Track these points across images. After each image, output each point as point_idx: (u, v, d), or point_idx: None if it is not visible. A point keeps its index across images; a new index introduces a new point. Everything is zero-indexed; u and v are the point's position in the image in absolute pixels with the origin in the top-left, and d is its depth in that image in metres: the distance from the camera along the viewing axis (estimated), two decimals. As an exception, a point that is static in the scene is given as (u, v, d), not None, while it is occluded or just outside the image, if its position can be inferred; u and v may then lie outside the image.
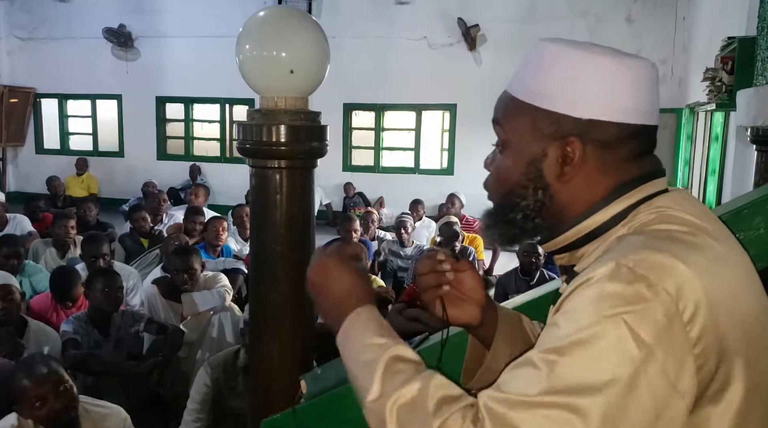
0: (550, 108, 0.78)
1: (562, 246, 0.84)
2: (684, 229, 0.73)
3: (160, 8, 9.82)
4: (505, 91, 0.86)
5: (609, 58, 0.78)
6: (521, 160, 0.81)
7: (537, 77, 0.80)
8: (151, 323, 3.26)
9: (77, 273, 3.59)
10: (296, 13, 1.69)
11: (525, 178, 0.81)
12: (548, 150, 0.79)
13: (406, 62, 8.97)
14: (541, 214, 0.82)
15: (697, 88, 5.50)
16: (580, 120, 0.77)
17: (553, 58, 0.80)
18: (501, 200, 0.85)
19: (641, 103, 0.79)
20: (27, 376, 2.09)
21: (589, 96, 0.77)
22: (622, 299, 0.65)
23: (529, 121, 0.80)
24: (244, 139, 1.61)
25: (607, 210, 0.79)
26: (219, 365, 2.75)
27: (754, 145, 2.41)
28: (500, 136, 0.85)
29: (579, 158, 0.78)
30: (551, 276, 4.03)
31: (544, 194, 0.81)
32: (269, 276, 1.65)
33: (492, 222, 0.87)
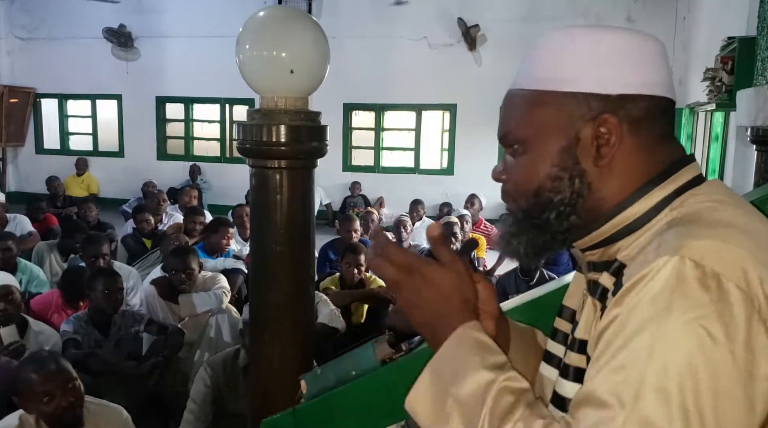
0: (575, 89, 0.73)
1: (597, 243, 0.77)
2: (739, 218, 0.69)
3: (160, 8, 9.82)
4: (509, 91, 0.81)
5: (623, 33, 0.75)
6: (550, 151, 0.75)
7: (553, 63, 0.75)
8: (151, 323, 3.26)
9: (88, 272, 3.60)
10: (296, 13, 1.69)
11: (558, 168, 0.75)
12: (581, 133, 0.74)
13: (406, 62, 8.98)
14: (576, 209, 0.75)
15: (697, 87, 5.50)
16: (611, 96, 0.73)
17: (565, 42, 0.76)
18: (530, 202, 0.78)
19: (663, 76, 0.76)
20: (36, 371, 2.10)
21: (615, 71, 0.73)
22: (696, 301, 0.60)
23: (552, 108, 0.75)
24: (244, 139, 1.61)
25: (648, 198, 0.73)
26: (218, 365, 2.75)
27: (754, 145, 2.42)
28: (517, 136, 0.78)
29: (617, 136, 0.73)
30: (551, 277, 4.03)
31: (581, 182, 0.74)
32: (269, 276, 1.65)
33: (519, 230, 0.79)
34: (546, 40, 0.78)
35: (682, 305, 0.60)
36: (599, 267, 0.77)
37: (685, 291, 0.61)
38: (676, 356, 0.59)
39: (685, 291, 0.61)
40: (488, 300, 0.90)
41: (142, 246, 4.99)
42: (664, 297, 0.61)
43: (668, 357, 0.59)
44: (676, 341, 0.60)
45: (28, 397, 2.09)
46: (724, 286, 0.61)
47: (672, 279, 0.62)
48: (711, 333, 0.59)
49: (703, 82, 4.35)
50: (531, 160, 0.77)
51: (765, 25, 2.88)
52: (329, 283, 3.80)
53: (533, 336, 0.97)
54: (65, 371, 2.13)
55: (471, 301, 0.78)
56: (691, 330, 0.59)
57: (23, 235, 5.15)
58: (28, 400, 2.09)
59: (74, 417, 2.12)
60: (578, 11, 8.41)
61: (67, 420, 2.10)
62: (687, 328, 0.60)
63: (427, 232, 0.80)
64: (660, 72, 0.75)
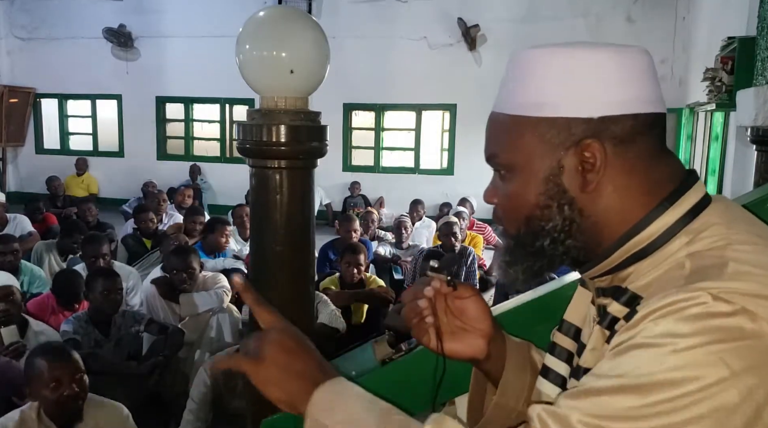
0: (554, 115, 0.70)
1: (606, 271, 0.74)
2: (756, 247, 0.65)
3: (160, 8, 9.82)
4: (492, 113, 0.78)
5: (602, 50, 0.71)
6: (535, 179, 0.72)
7: (529, 87, 0.72)
8: (151, 323, 3.26)
9: (80, 275, 3.59)
10: (296, 13, 1.69)
11: (545, 196, 0.72)
12: (564, 160, 0.71)
13: (406, 62, 8.98)
14: (572, 233, 0.72)
15: (697, 87, 5.50)
16: (592, 119, 0.70)
17: (540, 63, 0.72)
18: (520, 229, 0.75)
19: (647, 91, 0.72)
20: (47, 357, 2.15)
21: (594, 92, 0.70)
22: (721, 332, 0.57)
23: (533, 135, 0.72)
24: (244, 139, 1.61)
25: (658, 222, 0.70)
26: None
27: (754, 144, 2.42)
28: (501, 162, 0.76)
29: (601, 160, 0.69)
30: (551, 277, 4.02)
31: (571, 210, 0.72)
32: (269, 276, 1.65)
33: (514, 259, 0.76)
34: (524, 60, 0.74)
35: (703, 336, 0.57)
36: (608, 293, 0.74)
37: (710, 322, 0.57)
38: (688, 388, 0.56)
39: (711, 323, 0.57)
40: (480, 317, 0.88)
41: (142, 246, 4.99)
42: (688, 325, 0.58)
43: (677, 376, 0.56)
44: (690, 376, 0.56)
45: (36, 382, 2.12)
46: (757, 324, 0.57)
47: (698, 310, 0.58)
48: (730, 366, 0.56)
49: (703, 82, 4.35)
50: (518, 186, 0.74)
51: (765, 25, 2.88)
52: (329, 283, 3.80)
53: (528, 351, 0.94)
54: (75, 362, 2.19)
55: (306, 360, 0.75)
56: (710, 359, 0.56)
57: (23, 235, 5.15)
58: (35, 385, 2.12)
59: (76, 408, 2.15)
60: (578, 11, 8.41)
61: (68, 410, 2.13)
62: (705, 357, 0.56)
63: (234, 285, 0.80)
64: (645, 87, 0.72)
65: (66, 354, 2.20)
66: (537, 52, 0.73)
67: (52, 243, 4.75)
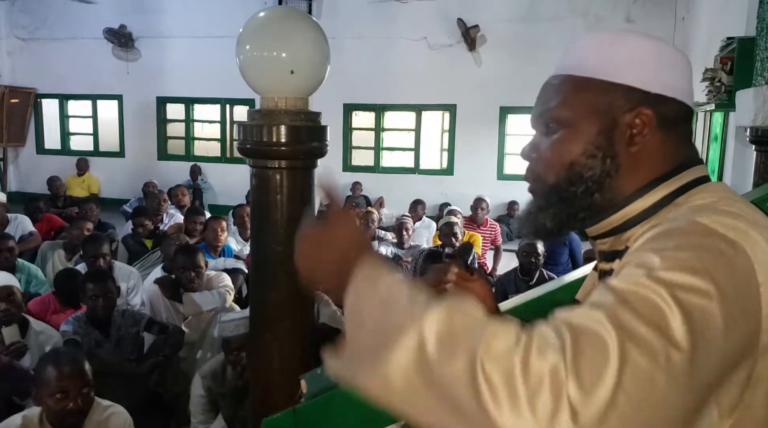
0: (621, 81, 0.80)
1: (609, 230, 0.83)
2: (746, 211, 0.74)
3: (160, 9, 9.83)
4: (552, 77, 0.87)
5: (667, 44, 0.84)
6: (589, 130, 0.81)
7: (603, 55, 0.82)
8: (152, 323, 3.27)
9: (81, 274, 3.59)
10: (296, 14, 1.70)
11: (594, 147, 0.81)
12: (619, 119, 0.80)
13: (406, 62, 8.98)
14: (602, 188, 0.81)
15: (697, 88, 5.48)
16: (650, 93, 0.80)
17: (615, 39, 0.83)
18: (560, 175, 0.83)
19: (691, 88, 0.84)
20: (57, 367, 2.13)
21: (656, 73, 0.81)
22: (704, 247, 0.65)
23: (596, 94, 0.81)
24: (244, 139, 1.61)
25: (653, 194, 0.80)
26: (209, 373, 2.80)
27: (753, 145, 2.42)
28: (557, 114, 0.83)
29: (649, 128, 0.80)
30: (551, 276, 4.04)
31: (612, 162, 0.81)
32: (270, 276, 1.66)
33: (546, 203, 0.84)
34: (595, 36, 0.85)
35: (690, 244, 0.65)
36: (609, 257, 0.83)
37: (693, 240, 0.66)
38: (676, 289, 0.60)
39: (693, 240, 0.66)
40: (486, 299, 0.94)
41: (142, 246, 4.99)
42: (673, 234, 0.68)
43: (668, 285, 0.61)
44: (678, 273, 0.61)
45: (43, 389, 2.11)
46: (734, 243, 0.65)
47: (681, 230, 0.68)
48: (714, 278, 0.61)
49: (703, 82, 4.35)
50: (568, 136, 0.82)
51: (764, 25, 2.89)
52: (329, 283, 3.80)
53: None
54: (85, 374, 2.17)
55: (362, 247, 0.76)
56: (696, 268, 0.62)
57: (24, 235, 5.15)
58: (41, 392, 2.12)
59: (77, 422, 2.14)
60: (578, 11, 8.41)
61: (69, 423, 2.11)
62: (692, 265, 0.62)
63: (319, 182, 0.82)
64: (688, 83, 0.84)
65: (77, 366, 2.17)
66: (609, 32, 0.85)
67: (55, 243, 4.76)
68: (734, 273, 0.64)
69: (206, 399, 2.77)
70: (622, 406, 0.53)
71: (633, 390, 0.54)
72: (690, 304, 0.59)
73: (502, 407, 0.53)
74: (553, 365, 0.54)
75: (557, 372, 0.53)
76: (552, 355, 0.54)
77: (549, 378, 0.53)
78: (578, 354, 0.54)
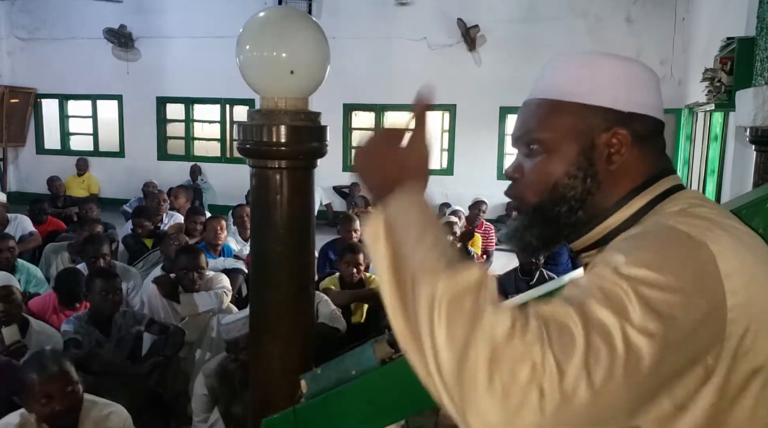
0: (597, 103, 0.85)
1: (591, 244, 0.87)
2: (714, 213, 0.78)
3: (160, 9, 9.83)
4: (530, 99, 0.91)
5: (635, 62, 0.88)
6: (569, 153, 0.85)
7: (575, 79, 0.87)
8: (152, 323, 3.27)
9: (82, 274, 3.60)
10: (296, 14, 1.69)
11: (575, 168, 0.85)
12: (597, 140, 0.85)
13: (406, 62, 8.97)
14: (585, 205, 0.86)
15: (697, 88, 5.50)
16: (623, 113, 0.84)
17: (586, 62, 0.88)
18: (543, 197, 0.87)
19: (660, 103, 0.89)
20: (37, 372, 2.12)
21: (628, 92, 0.85)
22: (668, 243, 0.70)
23: (573, 116, 0.85)
24: (244, 139, 1.61)
25: (629, 206, 0.84)
26: (212, 372, 2.79)
27: (753, 145, 2.42)
28: (538, 137, 0.87)
29: (626, 146, 0.84)
30: (551, 276, 4.04)
31: (593, 181, 0.85)
32: (269, 276, 1.65)
33: (531, 223, 0.88)
34: (563, 60, 0.90)
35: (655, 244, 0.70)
36: None
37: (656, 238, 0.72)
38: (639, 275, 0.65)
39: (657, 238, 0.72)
40: None
41: (142, 246, 4.99)
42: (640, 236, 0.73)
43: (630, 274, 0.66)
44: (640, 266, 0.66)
45: (29, 396, 2.10)
46: (695, 239, 0.70)
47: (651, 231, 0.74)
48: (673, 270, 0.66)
49: (703, 82, 4.36)
50: (550, 159, 0.86)
51: (764, 25, 2.89)
52: (329, 283, 3.81)
53: None
54: (66, 374, 2.14)
55: (421, 175, 0.80)
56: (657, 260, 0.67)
57: (24, 236, 5.15)
58: (28, 399, 2.11)
59: (70, 420, 2.13)
60: (578, 12, 8.42)
61: (62, 423, 2.11)
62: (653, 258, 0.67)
63: (418, 94, 0.86)
64: (658, 99, 0.89)
65: (56, 365, 2.14)
66: (579, 55, 0.90)
67: (58, 245, 4.75)
68: (695, 267, 0.68)
69: (209, 398, 2.77)
70: (584, 391, 0.58)
71: (596, 377, 0.58)
72: (651, 297, 0.63)
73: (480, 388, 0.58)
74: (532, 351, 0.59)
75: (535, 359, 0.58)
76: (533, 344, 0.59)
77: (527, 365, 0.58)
78: (550, 342, 0.59)
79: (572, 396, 0.58)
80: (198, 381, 2.82)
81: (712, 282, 0.68)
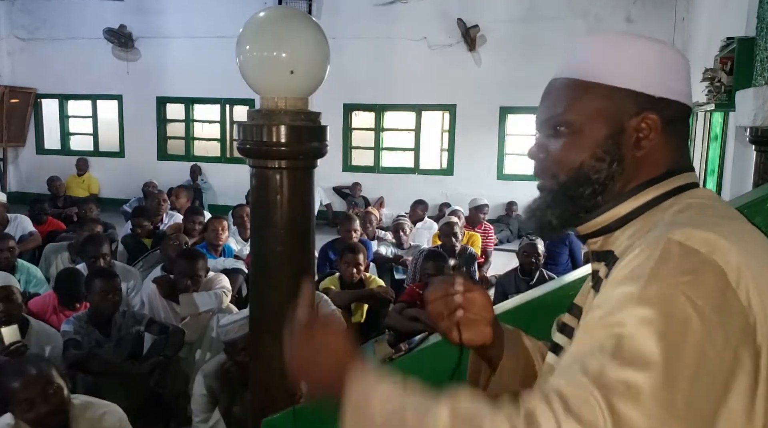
0: (627, 86, 0.82)
1: (597, 230, 0.86)
2: (722, 214, 0.78)
3: (160, 9, 9.82)
4: (556, 79, 0.88)
5: (668, 46, 0.86)
6: (598, 135, 0.83)
7: (608, 60, 0.84)
8: (152, 324, 3.27)
9: (81, 274, 3.60)
10: (296, 14, 1.69)
11: (602, 150, 0.83)
12: (626, 124, 0.83)
13: (406, 62, 8.98)
14: (607, 189, 0.84)
15: (696, 88, 5.49)
16: (654, 97, 0.82)
17: (617, 43, 0.85)
18: (570, 175, 0.85)
19: (690, 89, 0.87)
20: (16, 378, 2.08)
21: (660, 76, 0.83)
22: (678, 271, 0.68)
23: (603, 99, 0.83)
24: (244, 139, 1.61)
25: (639, 197, 0.83)
26: (211, 373, 2.80)
27: (753, 145, 2.42)
28: (566, 118, 0.85)
29: (655, 132, 0.82)
30: (551, 276, 4.04)
31: (618, 166, 0.83)
32: (269, 276, 1.65)
33: (554, 202, 0.87)
34: (599, 38, 0.87)
35: (665, 275, 0.68)
36: (600, 257, 0.86)
37: (669, 265, 0.69)
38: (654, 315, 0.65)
39: (669, 265, 0.69)
40: (486, 307, 0.98)
41: (142, 246, 4.99)
42: (649, 266, 0.69)
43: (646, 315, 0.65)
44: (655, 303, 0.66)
45: (13, 404, 2.08)
46: (704, 257, 0.69)
47: (658, 254, 0.70)
48: (690, 298, 0.65)
49: (702, 82, 4.35)
50: (578, 139, 0.84)
51: (764, 25, 2.89)
52: (329, 283, 3.81)
53: (519, 338, 1.03)
54: (44, 376, 2.08)
55: (348, 354, 0.81)
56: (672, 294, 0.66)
57: (24, 236, 5.15)
58: (12, 407, 2.08)
59: (59, 421, 2.10)
60: (578, 12, 8.41)
61: (50, 424, 2.08)
62: (668, 293, 0.66)
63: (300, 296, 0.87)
64: (688, 84, 0.87)
65: (34, 369, 2.09)
66: (611, 35, 0.87)
67: (58, 245, 4.75)
68: (708, 287, 0.67)
69: (208, 398, 2.77)
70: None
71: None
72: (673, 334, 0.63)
73: None
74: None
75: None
76: None
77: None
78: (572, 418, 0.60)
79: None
80: (197, 381, 2.82)
81: (727, 297, 0.68)
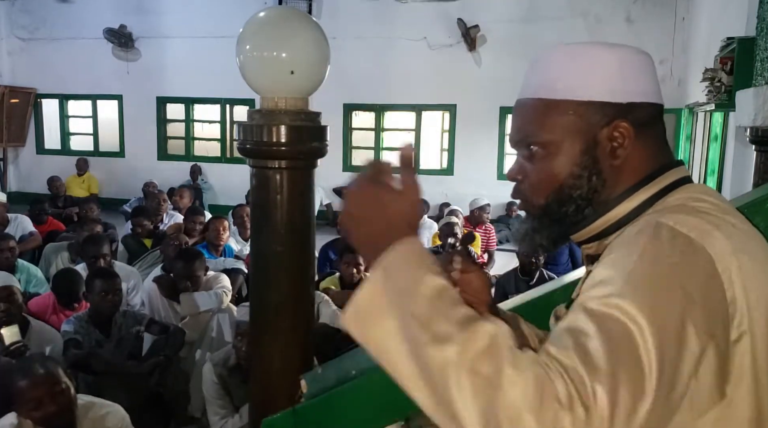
0: (592, 98, 0.82)
1: (591, 237, 0.86)
2: (715, 208, 0.78)
3: (160, 9, 9.83)
4: (522, 100, 0.88)
5: (623, 48, 0.86)
6: (571, 152, 0.83)
7: (566, 75, 0.84)
8: (152, 323, 3.27)
9: (80, 274, 3.60)
10: (296, 14, 1.69)
11: (579, 167, 0.83)
12: (599, 136, 0.83)
13: (406, 62, 8.98)
14: (592, 202, 0.84)
15: (697, 88, 5.50)
16: (621, 104, 0.82)
17: (577, 54, 0.85)
18: (550, 199, 0.85)
19: (656, 85, 0.87)
20: (23, 377, 2.09)
21: (622, 81, 0.83)
22: (666, 252, 0.69)
23: (571, 115, 0.83)
24: (244, 139, 1.61)
25: (633, 198, 0.83)
26: (220, 361, 2.82)
27: (753, 145, 2.42)
28: (538, 140, 0.85)
29: (629, 139, 0.82)
30: (551, 276, 4.04)
31: (598, 179, 0.83)
32: (269, 276, 1.65)
33: (540, 226, 0.87)
34: (553, 55, 0.86)
35: (653, 253, 0.69)
36: (594, 261, 0.85)
37: (658, 245, 0.70)
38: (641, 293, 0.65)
39: (659, 245, 0.70)
40: (483, 289, 0.98)
41: (142, 246, 5.00)
42: (637, 243, 0.71)
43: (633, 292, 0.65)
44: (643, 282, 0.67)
45: (20, 403, 2.09)
46: (693, 243, 0.70)
47: (646, 237, 0.71)
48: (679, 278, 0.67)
49: (703, 82, 4.36)
50: (552, 160, 0.84)
51: (764, 25, 2.89)
52: (329, 283, 3.81)
53: (517, 323, 1.04)
54: (52, 375, 2.10)
55: (415, 227, 0.76)
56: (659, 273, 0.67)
57: (24, 236, 5.15)
58: (20, 407, 2.09)
59: (66, 421, 2.11)
60: (578, 12, 8.41)
61: (57, 424, 2.09)
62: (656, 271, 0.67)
63: (400, 151, 0.80)
64: (654, 81, 0.86)
65: (41, 368, 2.11)
66: (564, 48, 0.87)
67: (58, 245, 4.75)
68: (696, 271, 0.69)
69: (219, 386, 2.79)
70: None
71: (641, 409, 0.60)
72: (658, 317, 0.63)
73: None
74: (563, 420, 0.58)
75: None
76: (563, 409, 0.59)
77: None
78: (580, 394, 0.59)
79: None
80: (206, 369, 2.84)
81: (714, 281, 0.69)
